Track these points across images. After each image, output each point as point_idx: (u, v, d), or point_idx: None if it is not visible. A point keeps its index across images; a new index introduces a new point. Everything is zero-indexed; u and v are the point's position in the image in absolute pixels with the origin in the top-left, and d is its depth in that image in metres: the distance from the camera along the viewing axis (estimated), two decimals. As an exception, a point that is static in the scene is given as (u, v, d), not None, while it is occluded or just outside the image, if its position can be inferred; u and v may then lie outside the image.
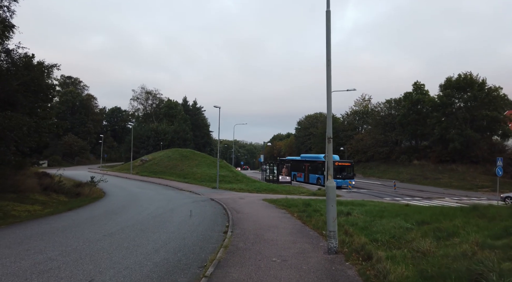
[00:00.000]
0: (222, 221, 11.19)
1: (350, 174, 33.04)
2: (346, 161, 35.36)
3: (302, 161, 39.71)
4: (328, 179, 6.23)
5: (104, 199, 20.00)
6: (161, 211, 13.93)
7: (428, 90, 52.70)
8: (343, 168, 32.94)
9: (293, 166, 39.24)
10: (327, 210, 6.22)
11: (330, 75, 6.25)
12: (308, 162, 37.70)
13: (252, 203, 16.86)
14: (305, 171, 37.79)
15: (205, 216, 12.49)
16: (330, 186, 6.23)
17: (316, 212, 12.04)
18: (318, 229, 8.73)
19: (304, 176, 37.69)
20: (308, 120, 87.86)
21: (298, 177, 38.78)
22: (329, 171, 6.26)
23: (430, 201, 26.59)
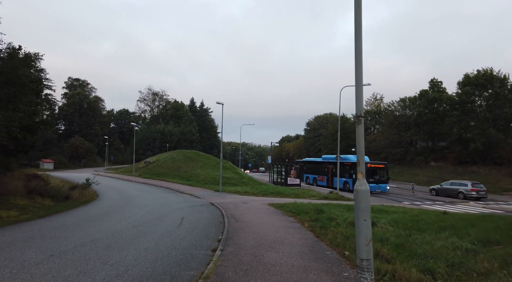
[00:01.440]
0: (215, 233, 9.08)
1: (384, 178, 28.70)
2: (379, 163, 30.91)
3: (324, 163, 34.80)
4: (358, 180, 4.07)
5: (93, 203, 18.11)
6: (148, 218, 11.91)
7: (445, 88, 49.87)
8: (375, 171, 28.70)
9: (312, 169, 35.82)
10: (357, 226, 4.06)
11: (361, 28, 4.14)
12: (333, 163, 32.61)
13: (256, 208, 14.71)
14: (328, 174, 33.31)
15: (197, 225, 10.40)
16: (361, 189, 4.08)
17: (331, 221, 9.84)
18: (338, 247, 6.53)
19: (328, 180, 33.13)
20: (317, 121, 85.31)
21: (320, 180, 34.31)
22: (360, 168, 4.10)
23: (454, 205, 24.01)
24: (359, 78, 4.17)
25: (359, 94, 4.17)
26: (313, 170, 35.66)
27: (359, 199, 4.05)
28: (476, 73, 42.50)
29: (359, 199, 4.05)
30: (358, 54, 4.12)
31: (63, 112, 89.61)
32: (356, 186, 4.15)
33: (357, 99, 4.16)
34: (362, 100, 4.14)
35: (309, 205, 14.77)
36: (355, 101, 4.13)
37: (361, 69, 4.16)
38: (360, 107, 4.14)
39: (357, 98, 4.15)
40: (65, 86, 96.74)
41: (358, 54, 4.12)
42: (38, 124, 19.24)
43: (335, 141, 67.92)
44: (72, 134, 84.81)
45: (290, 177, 33.44)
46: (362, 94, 4.16)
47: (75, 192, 19.85)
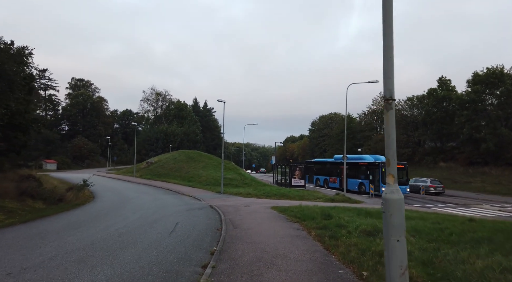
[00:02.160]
0: (210, 242, 8.01)
1: (403, 179, 26.66)
2: (398, 163, 29.88)
3: (336, 163, 32.28)
4: (389, 185, 2.96)
5: (86, 206, 17.14)
6: (139, 223, 10.88)
7: (454, 86, 48.35)
8: None
9: (323, 170, 33.88)
10: (387, 248, 2.96)
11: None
12: (347, 164, 31.67)
13: (257, 212, 13.62)
14: (341, 175, 30.98)
15: (191, 232, 9.34)
16: (394, 198, 2.99)
17: (342, 228, 8.73)
18: (352, 265, 5.42)
19: (341, 182, 30.58)
20: (322, 120, 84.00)
21: (332, 182, 32.07)
22: (391, 169, 3.00)
23: (467, 208, 22.73)
24: (389, 48, 3.08)
25: (388, 69, 3.07)
26: (324, 171, 33.75)
27: (390, 211, 2.95)
28: (486, 71, 41.02)
29: (390, 211, 2.95)
30: (387, 14, 3.02)
31: (66, 113, 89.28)
32: (385, 193, 3.06)
33: (386, 76, 3.06)
34: (392, 77, 3.05)
35: (316, 209, 13.65)
36: (383, 79, 3.04)
37: (392, 35, 3.07)
38: (390, 86, 3.05)
39: (386, 74, 3.06)
40: (69, 86, 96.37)
41: (387, 14, 3.02)
42: (30, 122, 18.36)
43: (340, 141, 66.59)
44: (75, 135, 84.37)
45: (294, 178, 32.32)
46: (392, 69, 3.07)
47: (69, 194, 18.91)
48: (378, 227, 8.44)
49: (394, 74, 3.00)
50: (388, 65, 3.01)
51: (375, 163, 27.04)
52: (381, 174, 25.20)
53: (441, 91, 47.84)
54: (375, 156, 29.44)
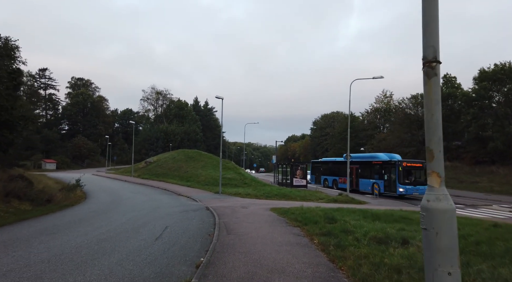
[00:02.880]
0: (198, 251, 7.02)
1: (421, 179, 24.59)
2: (415, 161, 26.18)
3: (346, 163, 32.57)
4: (430, 189, 1.94)
5: (74, 207, 16.21)
6: (125, 227, 9.92)
7: (460, 84, 47.20)
8: (410, 171, 24.79)
9: (332, 170, 31.98)
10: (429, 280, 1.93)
11: None
12: (358, 163, 28.76)
13: (256, 214, 12.63)
14: (351, 175, 28.72)
15: (180, 238, 8.35)
16: (439, 208, 1.98)
17: (348, 234, 7.73)
18: (365, 284, 4.44)
19: (352, 182, 28.35)
20: (324, 119, 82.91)
21: (341, 183, 29.77)
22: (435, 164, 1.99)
23: (476, 209, 21.65)
24: None
25: (431, 17, 2.06)
26: (333, 171, 31.71)
27: (435, 228, 1.94)
28: (494, 67, 39.85)
29: (435, 227, 1.94)
30: None
31: (66, 112, 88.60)
32: (427, 200, 2.07)
33: (429, 28, 2.06)
34: (437, 29, 2.04)
35: (318, 211, 12.64)
36: (422, 34, 2.03)
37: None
38: (433, 41, 2.05)
39: (427, 25, 2.05)
40: (69, 85, 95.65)
41: None
42: (18, 119, 17.46)
43: (343, 140, 65.50)
44: (75, 134, 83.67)
45: (296, 177, 31.31)
46: (437, 18, 2.05)
47: (58, 194, 17.97)
48: (389, 234, 7.43)
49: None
50: (431, 11, 2.02)
51: (391, 161, 25.34)
52: (398, 173, 23.80)
53: (446, 89, 46.67)
54: (390, 154, 27.84)
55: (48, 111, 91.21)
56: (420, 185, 24.08)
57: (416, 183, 24.25)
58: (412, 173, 24.94)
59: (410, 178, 24.44)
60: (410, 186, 23.93)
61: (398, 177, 23.85)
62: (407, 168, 24.43)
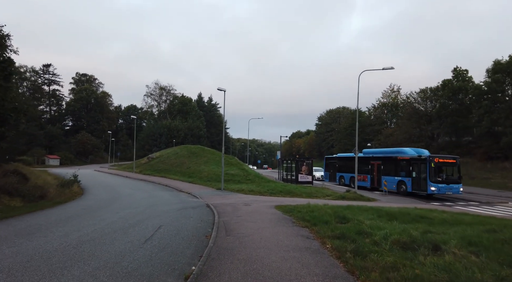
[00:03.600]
0: (191, 257, 6.02)
1: (455, 177, 22.53)
2: (448, 157, 23.53)
3: (367, 159, 27.91)
4: None
5: (67, 204, 15.33)
6: (113, 227, 8.95)
7: (471, 77, 45.57)
8: (442, 167, 22.42)
9: (349, 167, 29.41)
10: None
11: None
12: (380, 159, 26.43)
13: (259, 213, 11.62)
14: (372, 172, 27.00)
15: (172, 240, 7.36)
16: None
17: (365, 237, 6.70)
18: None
19: (372, 180, 26.74)
20: (329, 115, 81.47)
21: (360, 181, 27.23)
22: None
23: (492, 207, 20.48)
24: None
25: None
26: (350, 168, 29.24)
27: None
28: (509, 59, 38.22)
29: None
30: None
31: (70, 108, 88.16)
32: None
33: None
34: None
35: (327, 209, 11.60)
36: None
37: None
38: None
39: None
40: (73, 81, 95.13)
41: None
42: (9, 111, 16.59)
43: (349, 135, 64.20)
44: (79, 130, 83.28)
45: (301, 173, 30.27)
46: None
47: (52, 190, 17.11)
48: (415, 237, 6.35)
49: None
50: None
51: (421, 157, 22.72)
52: (429, 170, 21.43)
53: (457, 82, 45.13)
54: (416, 149, 25.57)
55: (52, 107, 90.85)
56: (453, 184, 22.02)
57: (449, 181, 22.09)
58: (444, 170, 22.74)
59: (442, 175, 22.22)
60: (442, 185, 21.67)
61: (429, 174, 21.52)
62: (439, 164, 22.06)
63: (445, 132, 46.57)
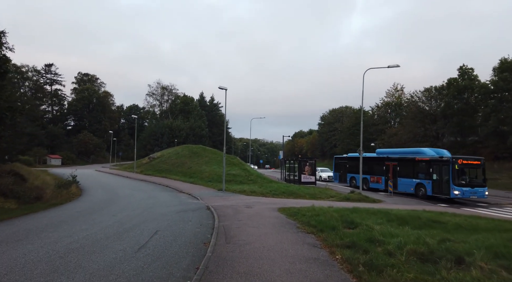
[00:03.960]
0: (186, 269, 5.48)
1: (479, 180, 20.78)
2: (473, 158, 21.84)
3: (381, 160, 26.19)
4: None
5: (63, 206, 14.85)
6: (106, 232, 8.43)
7: (477, 75, 44.75)
8: (465, 169, 20.77)
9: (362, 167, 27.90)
10: None
11: None
12: (396, 159, 24.81)
13: (261, 216, 11.07)
14: (387, 173, 25.32)
15: (167, 249, 6.82)
16: None
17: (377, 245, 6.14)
18: None
19: (387, 182, 25.00)
20: (332, 114, 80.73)
21: (374, 182, 26.20)
22: None
23: (501, 208, 19.81)
24: None
25: None
26: (364, 169, 28.30)
27: None
28: (516, 58, 37.52)
29: None
30: None
31: (72, 107, 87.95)
32: None
33: None
34: None
35: (333, 213, 11.03)
36: None
37: None
38: None
39: None
40: (75, 81, 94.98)
41: None
42: (5, 110, 16.14)
43: (352, 135, 63.45)
44: (81, 130, 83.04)
45: (304, 174, 29.69)
46: None
47: (48, 192, 16.64)
48: (432, 246, 5.78)
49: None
50: None
51: (442, 158, 21.09)
52: (452, 172, 19.90)
53: (462, 81, 44.37)
54: (436, 149, 24.12)
55: (54, 106, 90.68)
56: (478, 187, 20.36)
57: (474, 185, 20.45)
58: (467, 172, 21.10)
59: (466, 178, 20.57)
60: (467, 188, 19.99)
61: (452, 177, 19.96)
62: (463, 165, 20.48)
63: (450, 131, 45.79)
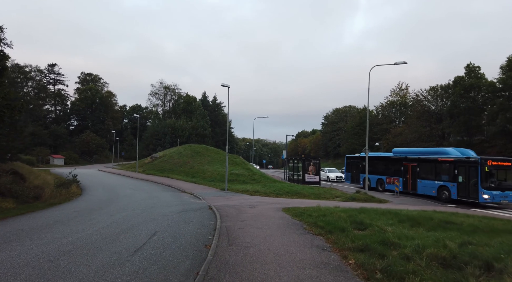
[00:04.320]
0: (185, 274, 5.02)
1: (508, 183, 18.98)
2: (503, 159, 19.98)
3: (398, 160, 24.23)
4: None
5: (61, 206, 14.45)
6: (103, 234, 8.00)
7: (484, 74, 44.00)
8: (494, 171, 18.82)
9: (376, 167, 25.85)
10: None
11: None
12: (415, 160, 22.83)
13: (265, 216, 10.59)
14: (405, 175, 23.42)
15: (165, 252, 6.37)
16: None
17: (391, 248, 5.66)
18: None
19: (405, 183, 23.20)
20: (336, 114, 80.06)
21: (390, 183, 24.46)
22: None
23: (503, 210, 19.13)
24: None
25: None
26: (377, 169, 25.94)
27: None
28: (524, 56, 36.77)
29: None
30: None
31: (75, 107, 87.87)
32: None
33: None
34: None
35: (340, 213, 10.55)
36: None
37: None
38: None
39: None
40: (78, 81, 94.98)
41: None
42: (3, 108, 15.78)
43: (356, 135, 62.77)
44: (84, 130, 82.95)
45: (308, 173, 29.19)
46: None
47: (47, 191, 16.25)
48: (453, 250, 5.28)
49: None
50: None
51: (469, 159, 19.41)
52: (481, 174, 18.24)
53: (469, 79, 43.62)
54: (461, 149, 22.48)
55: (57, 106, 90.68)
56: (509, 190, 18.55)
57: (504, 188, 18.64)
58: (496, 175, 19.19)
59: (495, 181, 18.75)
60: (497, 192, 18.23)
61: (480, 180, 18.31)
62: (493, 167, 18.70)
63: (457, 131, 45.04)
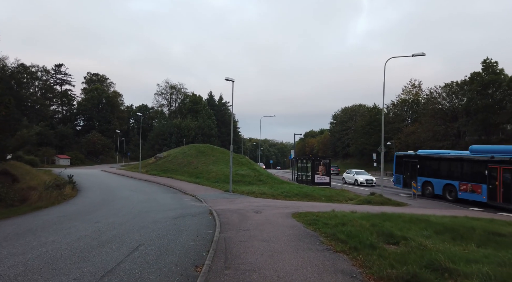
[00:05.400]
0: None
1: None
2: None
3: (478, 162, 18.54)
4: None
5: (46, 209, 13.08)
6: (75, 247, 6.55)
7: (503, 69, 41.71)
8: None
9: (441, 169, 21.05)
10: None
11: None
12: (505, 162, 17.02)
13: (273, 224, 9.03)
14: (493, 181, 17.53)
15: (142, 277, 4.87)
16: None
17: (448, 277, 4.05)
18: None
19: (492, 192, 17.46)
20: (345, 113, 77.93)
21: (465, 191, 19.02)
22: None
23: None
24: None
25: None
26: (443, 172, 20.84)
27: None
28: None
29: None
30: None
31: (81, 107, 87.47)
32: None
33: None
34: None
35: (361, 221, 8.94)
36: None
37: None
38: None
39: None
40: (84, 81, 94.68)
41: None
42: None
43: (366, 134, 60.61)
44: (90, 130, 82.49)
45: (317, 174, 27.54)
46: None
47: (33, 193, 14.95)
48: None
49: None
50: None
51: None
52: None
53: (487, 75, 41.39)
54: None
55: (63, 106, 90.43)
56: None
57: None
58: None
59: None
60: None
61: None
62: None
63: (474, 129, 42.81)
